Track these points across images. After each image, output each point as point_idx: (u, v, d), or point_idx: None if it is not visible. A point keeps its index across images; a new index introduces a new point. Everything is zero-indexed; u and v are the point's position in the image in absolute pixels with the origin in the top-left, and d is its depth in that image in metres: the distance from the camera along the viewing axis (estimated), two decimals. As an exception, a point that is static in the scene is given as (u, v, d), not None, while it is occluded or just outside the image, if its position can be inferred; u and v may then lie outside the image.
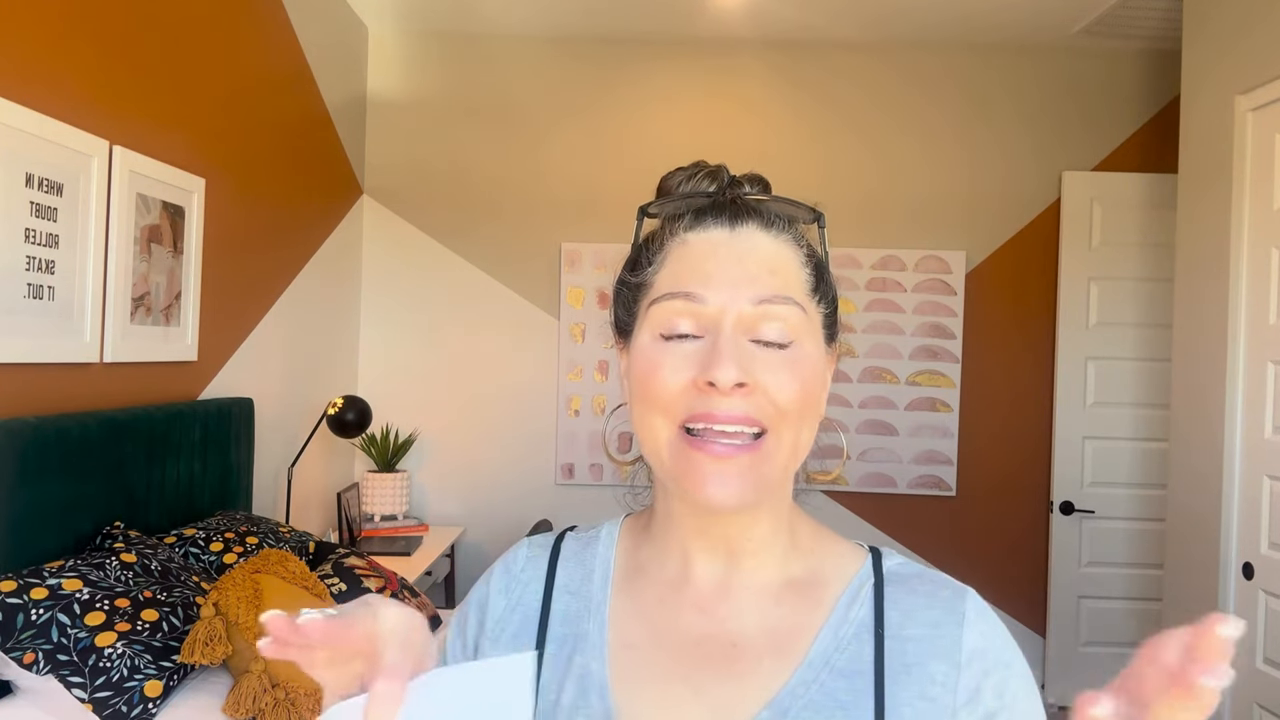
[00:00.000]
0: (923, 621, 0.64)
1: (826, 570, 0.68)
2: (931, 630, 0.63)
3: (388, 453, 3.63)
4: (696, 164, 0.70)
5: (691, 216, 0.66)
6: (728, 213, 0.65)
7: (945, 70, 3.76)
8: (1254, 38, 2.52)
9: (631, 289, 0.68)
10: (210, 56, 2.59)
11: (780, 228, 0.66)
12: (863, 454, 3.74)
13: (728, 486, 0.60)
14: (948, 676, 0.62)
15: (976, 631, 0.63)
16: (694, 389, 0.60)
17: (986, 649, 0.63)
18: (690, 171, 0.69)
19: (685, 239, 0.65)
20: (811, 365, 0.63)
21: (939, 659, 0.62)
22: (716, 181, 0.68)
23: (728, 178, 0.68)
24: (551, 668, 0.66)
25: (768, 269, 0.63)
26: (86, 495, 1.95)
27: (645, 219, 0.70)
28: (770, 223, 0.65)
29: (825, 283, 0.67)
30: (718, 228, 0.65)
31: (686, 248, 0.65)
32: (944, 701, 0.61)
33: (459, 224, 3.82)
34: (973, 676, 0.62)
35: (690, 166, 0.69)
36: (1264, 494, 2.44)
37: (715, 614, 0.66)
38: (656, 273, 0.65)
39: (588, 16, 3.60)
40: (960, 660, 0.62)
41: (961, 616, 0.64)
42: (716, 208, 0.66)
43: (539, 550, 0.73)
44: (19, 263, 1.84)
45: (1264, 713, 2.40)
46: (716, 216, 0.65)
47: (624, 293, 0.69)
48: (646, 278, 0.66)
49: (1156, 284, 3.61)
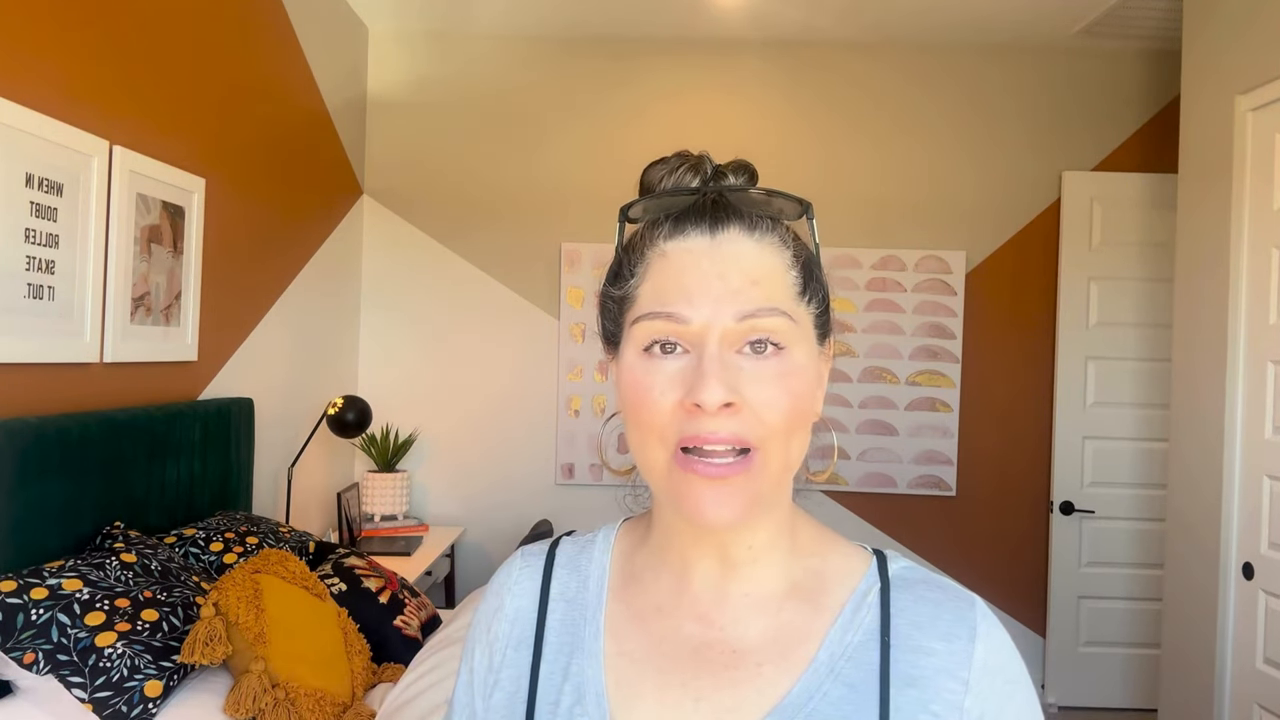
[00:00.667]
0: (931, 633, 0.62)
1: (830, 574, 0.66)
2: (941, 644, 0.62)
3: (388, 453, 3.63)
4: (679, 155, 0.66)
5: (671, 224, 0.63)
6: (708, 218, 0.62)
7: (945, 70, 3.76)
8: (1254, 38, 2.52)
9: (615, 301, 0.66)
10: (210, 56, 2.59)
11: (765, 229, 0.63)
12: (863, 454, 3.74)
13: (723, 507, 0.59)
14: (955, 693, 0.60)
15: (986, 647, 0.62)
16: (682, 410, 0.59)
17: (996, 667, 0.62)
18: (672, 165, 0.66)
19: (664, 250, 0.63)
20: (801, 374, 0.61)
21: (947, 674, 0.61)
22: (699, 174, 0.65)
23: (711, 169, 0.65)
24: (548, 676, 0.66)
25: (750, 280, 0.60)
26: (86, 495, 1.95)
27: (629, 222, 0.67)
28: (753, 225, 0.62)
29: (815, 281, 0.65)
30: (698, 235, 0.62)
31: (666, 260, 0.62)
32: (949, 718, 0.60)
33: (459, 224, 3.82)
34: (981, 696, 0.61)
35: (672, 158, 0.66)
36: (1264, 494, 2.44)
37: (715, 621, 0.65)
38: (638, 286, 0.63)
39: (588, 17, 3.60)
40: (969, 678, 0.61)
41: (972, 630, 0.62)
42: (696, 212, 0.63)
43: (533, 559, 0.72)
44: (19, 263, 1.84)
45: (1264, 713, 2.40)
46: (696, 222, 0.62)
47: (609, 305, 0.67)
48: (628, 291, 0.64)
49: (1156, 284, 3.61)
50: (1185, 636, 2.73)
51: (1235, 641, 2.52)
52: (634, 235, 0.66)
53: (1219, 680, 2.56)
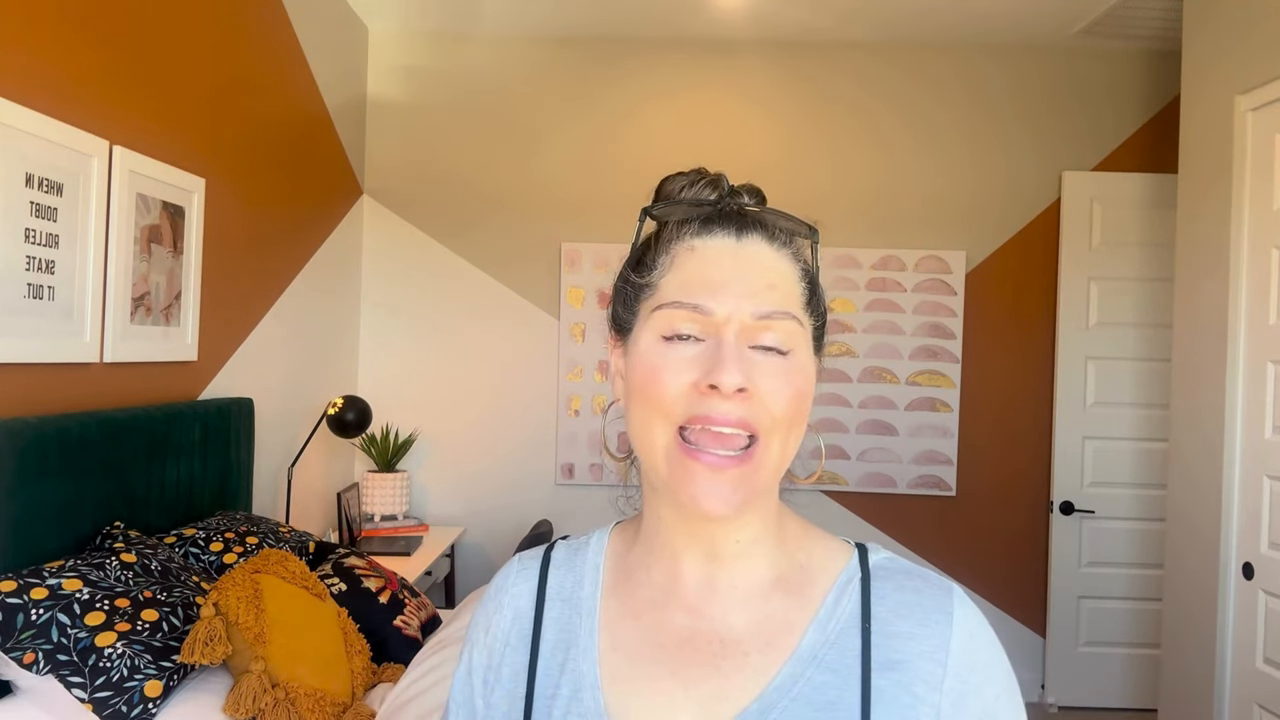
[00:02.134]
0: (910, 619, 0.65)
1: (814, 566, 0.69)
2: (919, 628, 0.64)
3: (388, 453, 3.63)
4: (697, 171, 0.70)
5: (699, 223, 0.67)
6: (735, 223, 0.67)
7: (944, 71, 3.76)
8: (1254, 38, 2.52)
9: (635, 289, 0.69)
10: (210, 56, 2.59)
11: (782, 241, 0.68)
12: (863, 454, 3.74)
13: (721, 497, 0.62)
14: (934, 675, 0.63)
15: (964, 631, 0.65)
16: (695, 391, 0.62)
17: (973, 650, 0.65)
18: (691, 178, 0.70)
19: (693, 245, 0.67)
20: (805, 375, 0.65)
21: (925, 658, 0.63)
22: (718, 190, 0.69)
23: (728, 187, 0.69)
24: (546, 672, 0.68)
25: (768, 283, 0.65)
26: (86, 495, 1.95)
27: (646, 221, 0.71)
28: (773, 236, 0.67)
29: (817, 297, 0.70)
30: (725, 236, 0.66)
31: (694, 254, 0.66)
32: (930, 700, 0.62)
33: (459, 224, 3.82)
34: (959, 677, 0.63)
35: (691, 173, 0.70)
36: (1264, 494, 2.44)
37: (704, 613, 0.67)
38: (662, 276, 0.67)
39: (588, 16, 3.60)
40: (947, 660, 0.63)
41: (949, 615, 0.65)
42: (724, 216, 0.67)
43: (529, 562, 0.75)
44: (19, 263, 1.84)
45: (1264, 713, 2.40)
46: (724, 225, 0.67)
47: (626, 291, 0.70)
48: (652, 280, 0.67)
49: (1156, 284, 3.61)
50: (1185, 636, 2.73)
51: (1235, 641, 2.52)
52: (660, 230, 0.70)
53: (1219, 680, 2.56)
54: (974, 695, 0.63)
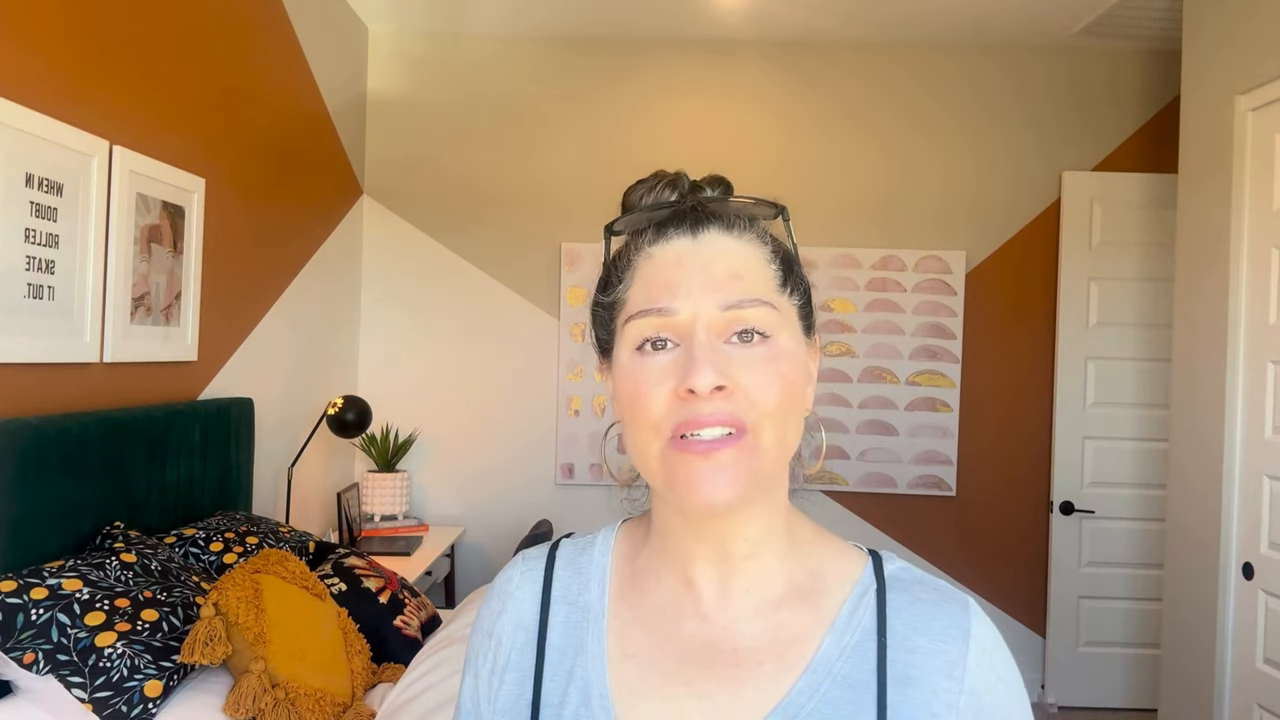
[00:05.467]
0: (927, 633, 0.64)
1: (827, 574, 0.68)
2: (935, 643, 0.63)
3: (388, 453, 3.63)
4: (656, 174, 0.70)
5: (654, 230, 0.67)
6: (689, 221, 0.66)
7: (944, 70, 3.76)
8: (1254, 38, 2.52)
9: (606, 308, 0.69)
10: (210, 56, 2.59)
11: (742, 227, 0.66)
12: (863, 454, 3.74)
13: (719, 482, 0.60)
14: (950, 693, 0.62)
15: (980, 648, 0.64)
16: (676, 399, 0.61)
17: (989, 667, 0.64)
18: (650, 183, 0.69)
19: (650, 253, 0.66)
20: (790, 359, 0.64)
21: (942, 674, 0.63)
22: (677, 189, 0.68)
23: (688, 184, 0.69)
24: (552, 678, 0.67)
25: (732, 273, 0.63)
26: (86, 495, 1.95)
27: (614, 236, 0.71)
28: (731, 224, 0.66)
29: (795, 275, 0.68)
30: (680, 237, 0.65)
31: (652, 262, 0.65)
32: (945, 717, 0.62)
33: (459, 224, 3.82)
34: (975, 695, 0.62)
35: (650, 178, 0.70)
36: (1264, 494, 2.44)
37: (716, 621, 0.66)
38: (627, 290, 0.66)
39: (588, 16, 3.60)
40: (963, 677, 0.62)
41: (966, 631, 0.64)
42: (677, 217, 0.66)
43: (533, 563, 0.73)
44: (19, 263, 1.84)
45: (1264, 713, 2.40)
46: (678, 226, 0.66)
47: (600, 313, 0.69)
48: (618, 295, 0.67)
49: (1156, 284, 3.61)
50: (1185, 636, 2.73)
51: (1235, 641, 2.52)
52: (620, 246, 0.70)
53: (1219, 680, 2.56)
54: (988, 714, 0.63)
